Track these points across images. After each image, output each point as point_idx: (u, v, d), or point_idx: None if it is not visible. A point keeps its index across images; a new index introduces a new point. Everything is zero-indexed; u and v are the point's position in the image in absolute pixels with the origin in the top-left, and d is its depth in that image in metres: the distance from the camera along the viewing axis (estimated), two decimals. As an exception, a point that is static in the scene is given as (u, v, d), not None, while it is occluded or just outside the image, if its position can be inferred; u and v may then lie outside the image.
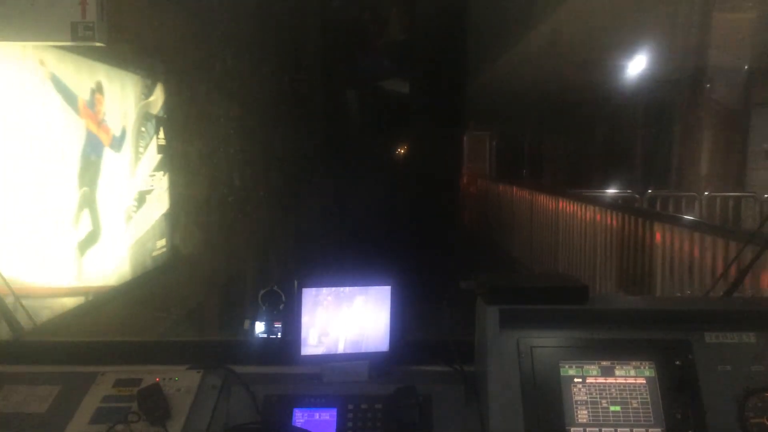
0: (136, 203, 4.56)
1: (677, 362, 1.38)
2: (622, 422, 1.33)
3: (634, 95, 9.07)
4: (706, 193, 6.83)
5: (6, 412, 1.41)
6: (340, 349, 1.52)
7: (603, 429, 1.32)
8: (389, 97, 13.05)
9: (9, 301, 1.90)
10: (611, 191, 7.73)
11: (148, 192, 4.77)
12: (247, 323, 1.61)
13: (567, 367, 1.38)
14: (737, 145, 7.72)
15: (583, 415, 1.34)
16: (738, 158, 7.79)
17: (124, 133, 4.34)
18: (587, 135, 11.28)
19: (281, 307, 1.60)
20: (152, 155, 4.85)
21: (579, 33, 6.79)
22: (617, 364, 1.38)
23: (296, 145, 9.58)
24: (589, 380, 1.37)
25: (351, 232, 9.64)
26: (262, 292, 1.60)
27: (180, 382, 1.46)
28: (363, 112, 13.11)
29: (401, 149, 20.74)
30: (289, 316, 1.55)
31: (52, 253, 3.46)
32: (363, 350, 1.53)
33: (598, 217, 5.41)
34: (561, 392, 1.35)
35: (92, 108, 3.87)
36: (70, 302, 3.63)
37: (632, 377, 1.37)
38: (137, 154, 4.57)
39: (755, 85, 7.56)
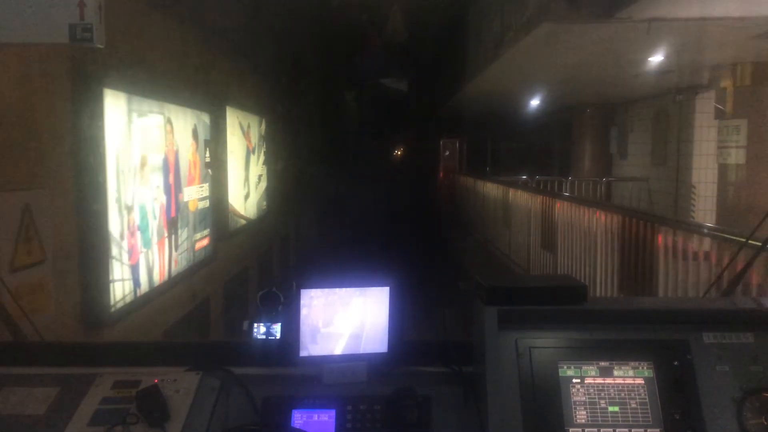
0: (257, 180, 8.98)
1: (675, 362, 1.38)
2: (620, 423, 1.33)
3: (551, 116, 13.59)
4: (569, 178, 11.33)
5: (4, 414, 1.41)
6: (339, 350, 1.52)
7: (601, 429, 1.32)
8: (390, 98, 17.34)
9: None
10: (523, 177, 12.20)
11: (261, 175, 9.20)
12: (245, 324, 1.57)
13: (565, 367, 1.38)
14: (605, 150, 12.21)
15: (581, 415, 1.34)
16: (607, 158, 12.28)
17: (255, 145, 8.77)
18: (525, 142, 15.84)
19: (280, 308, 1.56)
20: (262, 156, 9.28)
21: (507, 80, 11.10)
22: (616, 364, 1.38)
23: (321, 148, 14.19)
24: (588, 381, 1.37)
25: (359, 206, 14.12)
26: (260, 293, 1.57)
27: (179, 383, 1.46)
28: (365, 117, 17.50)
29: (398, 151, 26.08)
30: (288, 317, 1.53)
31: (239, 198, 7.91)
32: (362, 351, 1.52)
33: (498, 191, 9.89)
34: (559, 393, 1.35)
35: (248, 134, 8.30)
36: (242, 221, 8.07)
37: (630, 377, 1.37)
38: (258, 155, 9.01)
39: (613, 112, 12.08)
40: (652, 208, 9.93)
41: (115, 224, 4.15)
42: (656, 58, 6.36)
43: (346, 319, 1.51)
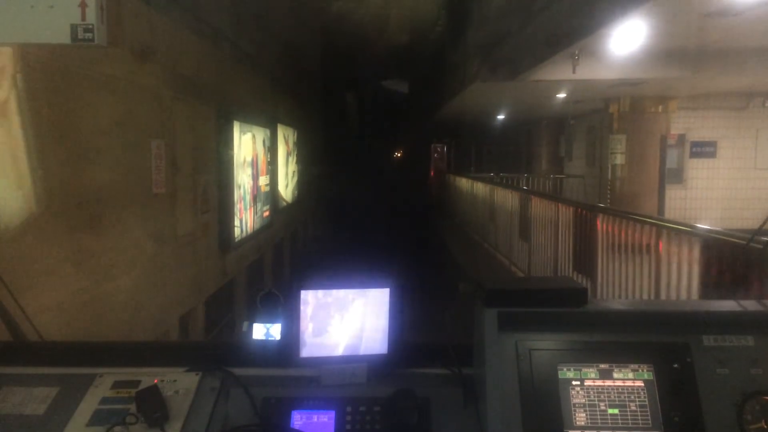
0: (293, 174, 12.37)
1: (675, 365, 1.38)
2: (620, 425, 1.33)
3: (519, 126, 17.00)
4: (525, 174, 14.72)
5: (4, 414, 1.42)
6: (339, 351, 1.52)
7: None
8: (390, 107, 20.55)
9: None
10: (491, 174, 15.56)
11: (295, 170, 12.59)
12: (245, 325, 1.61)
13: (565, 369, 1.38)
14: (557, 153, 15.60)
15: (581, 417, 1.34)
16: (559, 160, 15.66)
17: (291, 149, 12.15)
18: (502, 145, 19.25)
19: (279, 309, 1.60)
20: (294, 157, 12.66)
21: (475, 104, 14.45)
22: (615, 366, 1.39)
23: (335, 151, 17.59)
24: (588, 383, 1.37)
25: (364, 195, 17.42)
26: (260, 294, 1.60)
27: (178, 384, 1.47)
28: (369, 125, 20.78)
29: (397, 153, 29.97)
30: (288, 318, 1.56)
31: (283, 187, 11.30)
32: (362, 352, 1.53)
33: (468, 184, 13.26)
34: (559, 395, 1.36)
35: (287, 142, 11.68)
36: (284, 203, 11.44)
37: (630, 380, 1.37)
38: (294, 156, 12.39)
39: (562, 125, 15.47)
40: (586, 199, 13.28)
41: (234, 195, 7.53)
42: (561, 95, 9.75)
43: (346, 320, 1.52)
